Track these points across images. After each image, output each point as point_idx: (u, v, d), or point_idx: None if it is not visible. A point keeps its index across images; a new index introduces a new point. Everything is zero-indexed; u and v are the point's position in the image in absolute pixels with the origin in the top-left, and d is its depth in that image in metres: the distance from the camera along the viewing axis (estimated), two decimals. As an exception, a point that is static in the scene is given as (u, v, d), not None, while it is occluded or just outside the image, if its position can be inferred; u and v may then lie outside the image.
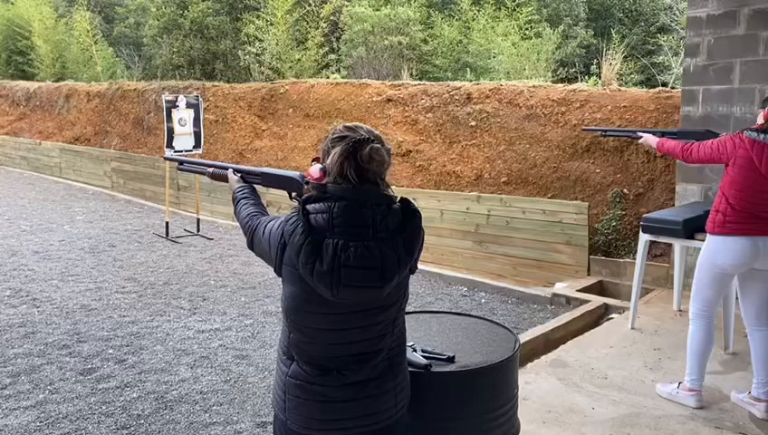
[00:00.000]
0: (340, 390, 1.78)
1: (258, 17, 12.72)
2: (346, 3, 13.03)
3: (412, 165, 8.46)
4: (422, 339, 2.39)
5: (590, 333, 4.95)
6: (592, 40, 13.57)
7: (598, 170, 6.93)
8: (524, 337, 4.81)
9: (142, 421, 3.71)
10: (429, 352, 2.20)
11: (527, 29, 11.40)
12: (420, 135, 8.50)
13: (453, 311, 2.88)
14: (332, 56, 12.19)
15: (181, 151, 8.09)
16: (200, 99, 8.40)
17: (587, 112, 7.14)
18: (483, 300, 6.11)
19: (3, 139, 15.52)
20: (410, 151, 8.50)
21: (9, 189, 11.98)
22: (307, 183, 1.85)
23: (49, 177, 13.41)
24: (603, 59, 8.04)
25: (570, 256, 6.48)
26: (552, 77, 10.37)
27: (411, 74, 11.08)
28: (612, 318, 5.34)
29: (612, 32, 12.13)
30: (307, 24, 12.51)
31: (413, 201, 1.84)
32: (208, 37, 14.98)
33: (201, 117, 8.33)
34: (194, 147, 8.33)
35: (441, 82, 8.94)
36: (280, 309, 5.75)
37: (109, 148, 12.78)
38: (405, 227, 1.76)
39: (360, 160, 1.73)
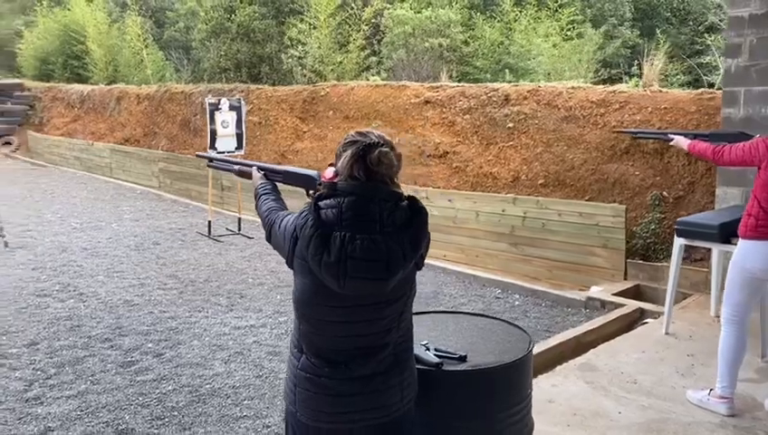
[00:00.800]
0: (347, 383, 1.85)
1: (301, 21, 12.94)
2: (388, 5, 13.13)
3: (449, 166, 8.47)
4: (438, 338, 2.43)
5: (623, 337, 4.90)
6: (638, 40, 13.33)
7: (637, 173, 6.83)
8: (555, 340, 4.80)
9: (176, 413, 3.85)
10: (442, 351, 2.25)
11: (569, 29, 11.28)
12: (457, 136, 8.51)
13: (470, 312, 2.91)
14: (373, 58, 12.30)
15: (224, 152, 8.30)
16: (242, 102, 8.61)
17: (626, 114, 7.04)
18: (516, 302, 6.10)
19: (58, 140, 16.14)
20: (447, 153, 8.52)
21: (63, 188, 12.46)
22: (320, 184, 1.93)
23: (100, 176, 13.89)
24: (645, 59, 7.90)
25: (606, 260, 6.41)
26: (594, 78, 10.25)
27: (451, 76, 11.10)
28: (647, 323, 5.27)
29: (657, 31, 11.89)
30: (349, 27, 12.66)
31: (421, 199, 1.91)
32: (255, 41, 15.27)
33: (243, 119, 8.53)
34: (236, 148, 8.54)
35: (479, 84, 8.94)
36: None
37: (157, 149, 13.17)
38: (411, 223, 1.83)
39: (369, 163, 1.81)
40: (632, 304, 5.58)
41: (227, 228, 8.87)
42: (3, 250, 7.51)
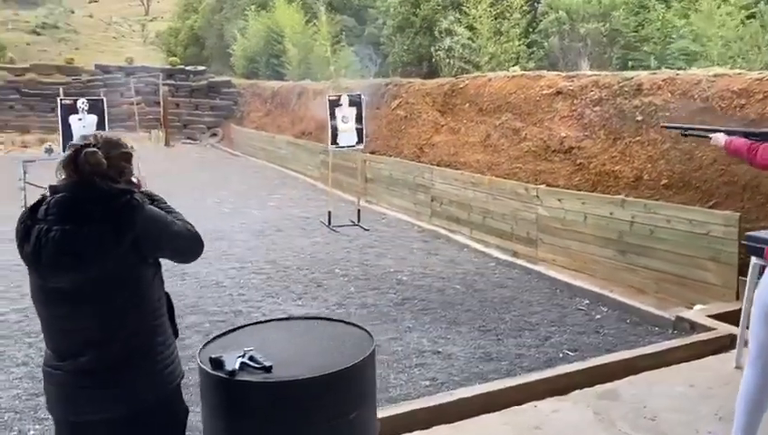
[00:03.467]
0: (72, 376, 1.92)
1: (460, 11, 12.84)
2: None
3: (573, 162, 7.85)
4: (278, 346, 2.35)
5: (683, 365, 4.22)
6: None
7: (773, 175, 5.76)
8: (596, 361, 4.29)
9: (182, 390, 4.13)
10: (254, 361, 2.17)
11: (754, 6, 9.74)
12: (584, 130, 7.85)
13: (339, 319, 2.72)
14: (524, 48, 11.79)
15: (344, 147, 8.64)
16: (362, 97, 8.80)
17: (768, 106, 5.97)
18: (597, 316, 5.51)
19: (251, 132, 17.85)
20: (572, 148, 7.90)
21: (239, 176, 13.79)
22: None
23: (277, 166, 15.09)
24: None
25: (716, 275, 5.51)
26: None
27: (611, 63, 10.27)
28: (731, 352, 4.46)
29: None
30: (508, 14, 12.28)
31: (139, 196, 1.97)
32: (435, 34, 15.41)
33: (363, 114, 8.73)
34: (357, 142, 8.81)
35: (614, 73, 8.14)
36: (375, 303, 5.86)
37: (324, 142, 13.95)
38: (118, 219, 1.86)
39: (77, 163, 1.89)
40: (723, 329, 4.74)
41: (350, 219, 9.14)
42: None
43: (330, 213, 8.93)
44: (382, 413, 3.64)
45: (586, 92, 7.98)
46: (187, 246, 2.14)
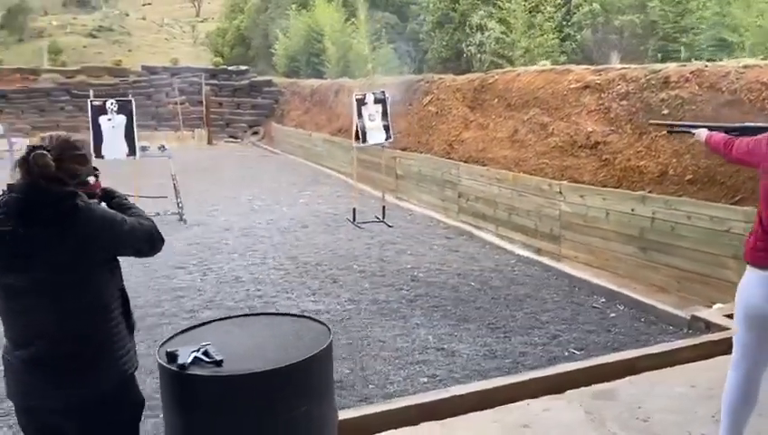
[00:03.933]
0: (27, 365, 2.02)
1: (494, 5, 12.73)
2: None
3: (598, 158, 7.70)
4: (240, 340, 2.41)
5: (688, 365, 4.11)
6: None
7: (801, 169, 5.53)
8: (592, 361, 4.21)
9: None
10: (207, 355, 2.23)
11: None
12: (611, 125, 7.69)
13: (306, 316, 2.76)
14: (557, 41, 11.61)
15: (372, 145, 8.70)
16: (386, 94, 8.82)
17: (797, 97, 5.74)
18: (612, 314, 5.41)
19: (289, 130, 18.08)
20: (598, 143, 7.75)
21: (274, 173, 13.99)
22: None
23: (313, 164, 15.23)
24: None
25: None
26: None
27: (647, 55, 10.03)
28: (744, 354, 4.32)
29: None
30: (542, 7, 12.11)
31: (86, 199, 2.02)
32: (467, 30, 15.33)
33: (389, 110, 8.76)
34: (386, 139, 8.84)
35: (642, 66, 7.94)
36: (387, 299, 5.93)
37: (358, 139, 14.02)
38: (63, 222, 1.93)
39: (28, 164, 1.97)
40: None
41: (375, 216, 9.17)
42: (182, 227, 8.78)
43: (354, 210, 8.98)
44: (374, 409, 3.69)
45: (613, 86, 7.82)
46: (143, 242, 2.20)
